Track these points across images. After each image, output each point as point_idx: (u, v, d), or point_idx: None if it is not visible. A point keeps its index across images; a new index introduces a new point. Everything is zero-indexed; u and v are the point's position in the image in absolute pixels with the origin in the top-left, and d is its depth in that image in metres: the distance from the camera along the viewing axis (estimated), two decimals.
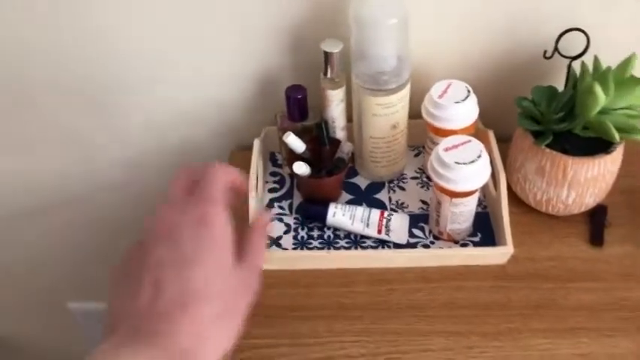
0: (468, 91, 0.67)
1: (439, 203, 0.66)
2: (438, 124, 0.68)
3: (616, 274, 0.66)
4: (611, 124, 0.62)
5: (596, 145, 0.65)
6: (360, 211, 0.70)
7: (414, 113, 0.71)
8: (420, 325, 0.63)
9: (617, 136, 0.62)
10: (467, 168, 0.61)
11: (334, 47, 0.66)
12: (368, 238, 0.70)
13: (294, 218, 0.73)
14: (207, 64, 0.76)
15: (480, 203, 0.73)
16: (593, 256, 0.68)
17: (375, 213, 0.70)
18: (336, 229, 0.71)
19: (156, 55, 0.75)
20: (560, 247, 0.69)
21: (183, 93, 0.79)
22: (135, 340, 0.37)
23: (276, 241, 0.70)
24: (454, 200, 0.64)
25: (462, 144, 0.62)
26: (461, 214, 0.65)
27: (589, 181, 0.65)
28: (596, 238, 0.69)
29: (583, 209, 0.69)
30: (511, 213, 0.71)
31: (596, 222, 0.71)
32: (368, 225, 0.69)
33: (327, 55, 0.67)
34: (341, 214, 0.70)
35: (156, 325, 0.37)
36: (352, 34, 0.65)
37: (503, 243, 0.66)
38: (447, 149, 0.62)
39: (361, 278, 0.67)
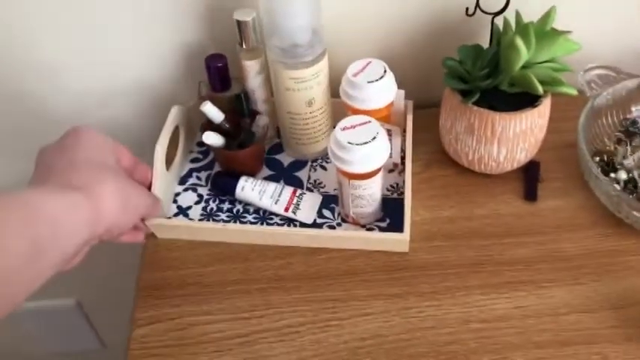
0: (385, 70, 0.66)
1: (341, 185, 0.64)
2: (353, 104, 0.66)
3: (550, 227, 0.67)
4: (534, 76, 0.62)
5: (525, 101, 0.65)
6: (273, 187, 0.69)
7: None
8: (358, 290, 0.62)
9: (540, 88, 0.62)
10: (359, 149, 0.58)
11: (246, 16, 0.64)
12: (276, 215, 0.69)
13: (209, 190, 0.72)
14: (124, 43, 0.74)
15: (397, 189, 0.71)
16: (528, 211, 0.69)
17: (288, 191, 0.69)
18: (247, 203, 0.70)
19: (73, 39, 0.73)
20: (496, 205, 0.69)
21: (105, 75, 0.77)
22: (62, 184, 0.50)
23: (184, 211, 0.69)
24: (352, 182, 0.62)
25: (360, 124, 0.60)
26: (361, 197, 0.64)
27: (518, 136, 0.65)
28: (530, 194, 0.70)
29: (515, 166, 0.70)
30: (446, 175, 0.72)
31: (529, 178, 0.71)
32: (277, 202, 0.68)
33: (239, 25, 0.65)
34: (250, 189, 0.68)
35: (54, 180, 0.50)
36: (261, 5, 0.62)
37: (403, 230, 0.63)
38: (344, 129, 0.60)
39: (298, 250, 0.66)
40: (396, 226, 0.66)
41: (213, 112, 0.67)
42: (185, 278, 0.64)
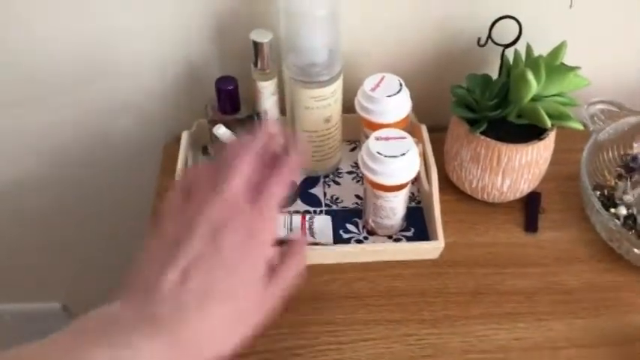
0: (401, 85, 0.67)
1: (365, 191, 0.65)
2: (371, 118, 0.67)
3: (550, 259, 0.67)
4: (542, 110, 0.63)
5: (530, 132, 0.66)
6: (281, 218, 0.69)
7: (350, 107, 0.70)
8: (359, 314, 0.62)
9: (548, 122, 0.63)
10: (387, 161, 0.60)
11: (263, 37, 0.64)
12: None
13: None
14: (130, 53, 0.73)
15: (414, 198, 0.72)
16: (528, 242, 0.69)
17: (297, 217, 0.69)
18: None
19: (80, 47, 0.72)
20: (496, 234, 0.69)
21: (109, 84, 0.76)
22: (141, 318, 0.38)
23: None
24: (376, 192, 0.63)
25: (395, 138, 0.61)
26: (382, 208, 0.65)
27: (523, 167, 0.66)
28: (531, 225, 0.70)
29: (518, 196, 0.70)
30: (448, 201, 0.72)
31: (530, 208, 0.72)
32: (291, 229, 0.68)
33: (256, 46, 0.65)
34: None
35: (169, 311, 0.38)
36: (282, 25, 0.63)
37: (434, 238, 0.66)
38: (377, 138, 0.61)
39: None
40: (421, 234, 0.68)
41: (227, 135, 0.67)
42: None
